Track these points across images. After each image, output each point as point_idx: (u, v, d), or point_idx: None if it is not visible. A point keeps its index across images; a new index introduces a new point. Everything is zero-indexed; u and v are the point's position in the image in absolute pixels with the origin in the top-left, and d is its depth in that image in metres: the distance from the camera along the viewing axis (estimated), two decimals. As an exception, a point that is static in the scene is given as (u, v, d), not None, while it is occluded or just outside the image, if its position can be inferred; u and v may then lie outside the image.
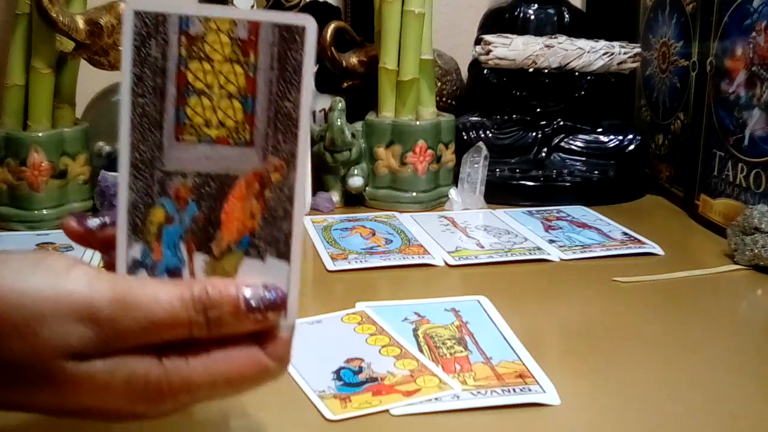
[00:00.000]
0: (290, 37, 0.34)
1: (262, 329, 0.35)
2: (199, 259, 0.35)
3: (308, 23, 0.34)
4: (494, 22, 0.98)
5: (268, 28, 0.34)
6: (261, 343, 0.35)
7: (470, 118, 0.94)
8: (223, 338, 0.34)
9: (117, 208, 0.35)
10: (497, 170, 0.90)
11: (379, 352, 0.51)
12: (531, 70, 0.90)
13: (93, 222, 0.38)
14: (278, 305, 0.34)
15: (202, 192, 0.35)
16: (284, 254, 0.35)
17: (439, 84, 0.95)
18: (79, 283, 0.32)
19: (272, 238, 0.35)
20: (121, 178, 0.35)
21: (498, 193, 0.87)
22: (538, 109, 0.94)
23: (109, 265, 0.37)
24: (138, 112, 0.34)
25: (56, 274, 0.33)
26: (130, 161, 0.34)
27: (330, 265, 0.68)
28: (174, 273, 0.35)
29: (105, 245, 0.38)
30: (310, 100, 0.34)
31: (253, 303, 0.34)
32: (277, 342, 0.35)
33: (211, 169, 0.35)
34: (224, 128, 0.35)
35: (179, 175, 0.35)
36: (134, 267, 0.35)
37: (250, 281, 0.34)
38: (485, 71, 0.94)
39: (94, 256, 0.64)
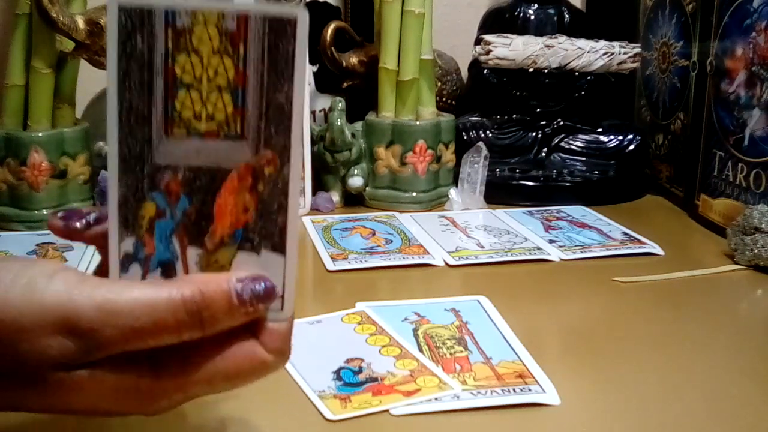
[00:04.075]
0: (281, 28, 0.33)
1: (252, 320, 0.34)
2: (193, 253, 0.35)
3: (299, 14, 0.33)
4: (494, 22, 0.98)
5: (258, 20, 0.33)
6: (254, 334, 0.34)
7: (470, 118, 0.94)
8: (218, 335, 0.34)
9: (108, 203, 0.34)
10: (497, 170, 0.90)
11: (379, 352, 0.51)
12: (531, 70, 0.90)
13: (77, 223, 0.37)
14: (267, 296, 0.34)
15: (193, 186, 0.34)
16: (279, 247, 0.35)
17: (439, 84, 0.95)
18: (59, 295, 0.32)
19: (267, 231, 0.34)
20: (111, 173, 0.34)
21: (498, 193, 0.87)
22: (538, 109, 0.94)
23: (104, 255, 0.37)
24: (125, 107, 0.33)
25: (36, 286, 0.32)
26: (119, 156, 0.34)
27: (330, 265, 0.68)
28: (167, 266, 0.35)
29: (95, 241, 0.37)
30: (304, 92, 0.34)
31: (245, 296, 0.33)
32: (272, 332, 0.34)
33: (202, 163, 0.34)
34: (214, 122, 0.34)
35: (170, 169, 0.34)
36: (127, 261, 0.35)
37: (239, 274, 0.34)
38: (485, 71, 0.94)
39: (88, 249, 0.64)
